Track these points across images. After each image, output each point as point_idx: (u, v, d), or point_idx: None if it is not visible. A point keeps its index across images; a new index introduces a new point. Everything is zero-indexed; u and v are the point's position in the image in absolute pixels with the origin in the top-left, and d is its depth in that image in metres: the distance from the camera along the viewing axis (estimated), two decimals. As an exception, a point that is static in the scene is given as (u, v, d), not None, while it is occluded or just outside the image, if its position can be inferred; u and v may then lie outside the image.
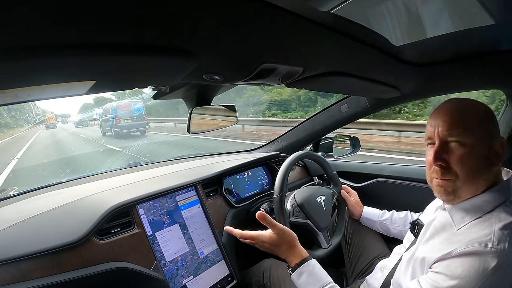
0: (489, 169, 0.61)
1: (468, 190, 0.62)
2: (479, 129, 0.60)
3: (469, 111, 0.62)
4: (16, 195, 1.04)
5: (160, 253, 0.93)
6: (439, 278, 0.57)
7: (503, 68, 0.83)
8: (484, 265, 0.52)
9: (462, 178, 0.60)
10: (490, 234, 0.54)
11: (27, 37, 0.28)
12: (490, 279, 0.52)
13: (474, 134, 0.59)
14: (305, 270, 0.76)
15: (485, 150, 0.60)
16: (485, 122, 0.61)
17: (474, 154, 0.59)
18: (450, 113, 0.62)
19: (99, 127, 10.89)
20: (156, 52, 0.38)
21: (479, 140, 0.59)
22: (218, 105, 0.89)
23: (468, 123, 0.60)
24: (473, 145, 0.59)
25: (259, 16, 0.38)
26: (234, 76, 0.59)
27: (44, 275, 0.71)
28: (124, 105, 9.60)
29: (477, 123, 0.60)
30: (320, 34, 0.49)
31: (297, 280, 0.77)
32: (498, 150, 0.60)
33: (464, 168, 0.60)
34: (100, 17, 0.29)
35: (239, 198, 1.26)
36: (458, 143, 0.60)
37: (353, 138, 1.51)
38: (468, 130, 0.59)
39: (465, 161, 0.59)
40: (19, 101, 0.44)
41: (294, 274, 0.77)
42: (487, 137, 0.60)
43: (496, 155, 0.60)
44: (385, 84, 0.89)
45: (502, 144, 0.61)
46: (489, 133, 0.60)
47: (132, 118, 8.97)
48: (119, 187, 1.02)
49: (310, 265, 0.77)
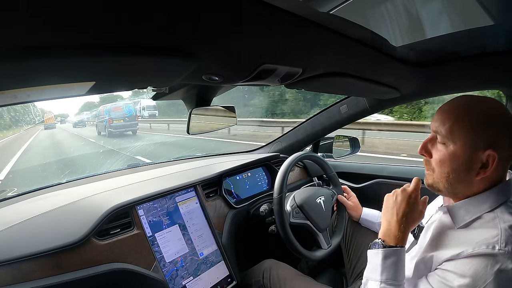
0: (468, 178, 0.59)
1: (447, 189, 0.63)
2: (467, 134, 0.57)
3: (465, 113, 0.58)
4: (16, 196, 1.04)
5: (159, 254, 0.93)
6: (449, 276, 0.57)
7: (503, 68, 0.83)
8: (492, 263, 0.53)
9: (437, 176, 0.62)
10: (497, 236, 0.54)
11: (26, 38, 0.28)
12: (498, 278, 0.52)
13: (460, 138, 0.57)
14: (395, 254, 0.66)
15: (466, 157, 0.57)
16: (478, 127, 0.57)
17: (453, 159, 0.59)
18: (446, 111, 0.61)
19: (95, 127, 11.86)
20: (156, 53, 0.38)
21: (463, 146, 0.57)
22: (218, 106, 0.89)
23: (457, 125, 0.58)
24: (455, 151, 0.58)
25: (259, 17, 0.38)
26: (234, 77, 0.59)
27: (43, 276, 0.71)
28: (116, 107, 10.51)
29: (468, 127, 0.57)
30: (320, 35, 0.49)
31: (381, 258, 0.66)
32: (484, 161, 0.57)
33: (439, 169, 0.61)
34: (100, 18, 0.29)
35: (238, 199, 1.25)
36: (442, 144, 0.60)
37: (353, 139, 1.51)
38: (453, 133, 0.58)
39: (442, 162, 0.60)
40: (19, 102, 0.44)
41: (382, 251, 0.66)
42: (475, 144, 0.57)
43: (482, 165, 0.57)
44: (384, 85, 0.89)
45: (493, 157, 0.56)
46: (479, 139, 0.56)
47: (124, 119, 9.94)
48: (118, 188, 1.02)
49: (401, 253, 0.66)
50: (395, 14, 0.58)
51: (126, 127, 9.84)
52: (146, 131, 12.08)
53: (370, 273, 0.68)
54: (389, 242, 0.67)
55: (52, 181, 1.18)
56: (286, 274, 1.00)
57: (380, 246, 0.67)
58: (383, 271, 0.66)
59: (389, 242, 0.67)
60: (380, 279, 0.65)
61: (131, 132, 9.92)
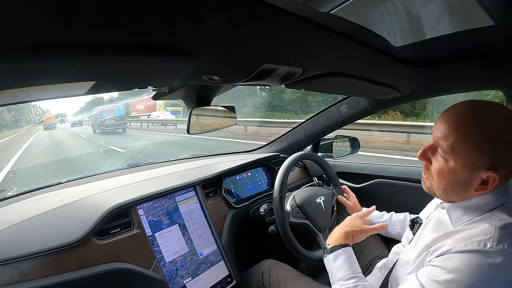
0: (466, 193, 0.59)
1: (443, 198, 0.64)
2: (469, 155, 0.55)
3: (468, 130, 0.55)
4: (16, 195, 1.03)
5: (159, 253, 0.93)
6: (436, 271, 0.57)
7: (503, 69, 0.83)
8: (481, 261, 0.52)
9: (435, 185, 0.63)
10: (490, 233, 0.54)
11: (26, 38, 0.28)
12: (487, 276, 0.52)
13: (462, 157, 0.56)
14: (343, 253, 0.78)
15: (466, 176, 0.57)
16: (481, 147, 0.54)
17: (452, 175, 0.58)
18: (449, 124, 0.57)
19: (91, 126, 13.57)
20: (156, 53, 0.38)
21: (464, 165, 0.56)
22: (218, 105, 0.89)
23: (459, 143, 0.55)
24: (455, 168, 0.57)
25: (259, 16, 0.38)
26: (234, 77, 0.59)
27: (43, 276, 0.71)
28: (108, 108, 12.16)
29: (470, 147, 0.55)
30: (320, 35, 0.49)
31: (332, 260, 0.78)
32: (484, 178, 0.56)
33: (437, 180, 0.61)
34: (100, 18, 0.29)
35: (238, 199, 1.25)
36: (442, 157, 0.59)
37: (353, 139, 1.51)
38: (455, 151, 0.56)
39: (440, 176, 0.60)
40: (19, 102, 0.44)
41: (332, 254, 0.78)
42: (476, 164, 0.55)
43: (482, 181, 0.56)
44: (384, 85, 0.89)
45: (493, 177, 0.54)
46: (481, 160, 0.54)
47: (115, 118, 11.64)
48: (118, 188, 1.02)
49: (349, 251, 0.79)
50: (395, 14, 0.58)
51: (116, 125, 11.45)
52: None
53: (331, 280, 0.78)
54: (334, 243, 0.80)
55: (52, 180, 1.18)
56: (286, 274, 1.00)
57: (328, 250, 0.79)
58: (337, 272, 0.76)
59: (334, 243, 0.80)
60: (337, 279, 0.75)
61: (121, 130, 11.55)
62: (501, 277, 0.53)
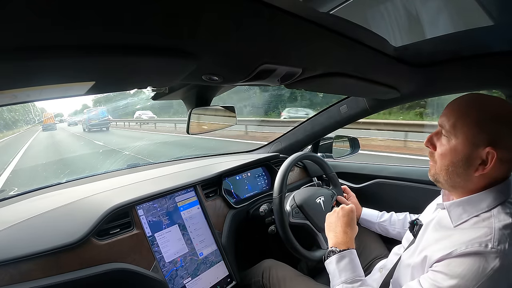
0: (466, 173, 0.60)
1: (446, 182, 0.64)
2: (469, 130, 0.58)
3: (470, 110, 0.59)
4: (16, 195, 1.03)
5: (159, 254, 0.93)
6: (439, 277, 0.57)
7: (502, 68, 0.83)
8: (484, 265, 0.53)
9: (438, 168, 0.64)
10: (491, 234, 0.54)
11: (26, 38, 0.28)
12: (489, 279, 0.52)
13: (462, 133, 0.59)
14: (348, 256, 0.78)
15: (467, 152, 0.59)
16: (481, 124, 0.57)
17: (453, 153, 0.60)
18: (453, 107, 0.62)
19: (82, 125, 16.28)
20: (156, 53, 0.38)
21: (464, 141, 0.59)
22: (218, 105, 0.89)
23: (460, 121, 0.59)
24: (456, 145, 0.60)
25: (259, 17, 0.38)
26: (234, 77, 0.59)
27: (43, 276, 0.71)
28: (94, 110, 15.42)
29: (471, 124, 0.58)
30: (320, 35, 0.49)
31: (335, 262, 0.78)
32: (484, 158, 0.57)
33: (440, 161, 0.63)
34: (100, 18, 0.29)
35: (238, 199, 1.25)
36: (445, 137, 0.62)
37: (353, 139, 1.51)
38: (456, 128, 0.59)
39: (443, 156, 0.63)
40: (18, 102, 0.44)
41: (335, 256, 0.78)
42: (476, 140, 0.57)
43: (481, 162, 0.58)
44: (384, 85, 0.89)
45: (492, 154, 0.56)
46: (481, 136, 0.57)
47: (99, 119, 14.09)
48: (118, 188, 1.02)
49: (353, 254, 0.79)
50: (395, 14, 0.58)
51: (100, 125, 13.95)
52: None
53: (332, 281, 0.78)
54: (341, 247, 0.80)
55: (52, 180, 1.18)
56: (286, 274, 1.00)
57: (336, 253, 0.79)
58: (341, 273, 0.76)
59: (341, 247, 0.80)
60: (340, 281, 0.75)
61: (105, 128, 14.14)
62: (504, 278, 0.53)
